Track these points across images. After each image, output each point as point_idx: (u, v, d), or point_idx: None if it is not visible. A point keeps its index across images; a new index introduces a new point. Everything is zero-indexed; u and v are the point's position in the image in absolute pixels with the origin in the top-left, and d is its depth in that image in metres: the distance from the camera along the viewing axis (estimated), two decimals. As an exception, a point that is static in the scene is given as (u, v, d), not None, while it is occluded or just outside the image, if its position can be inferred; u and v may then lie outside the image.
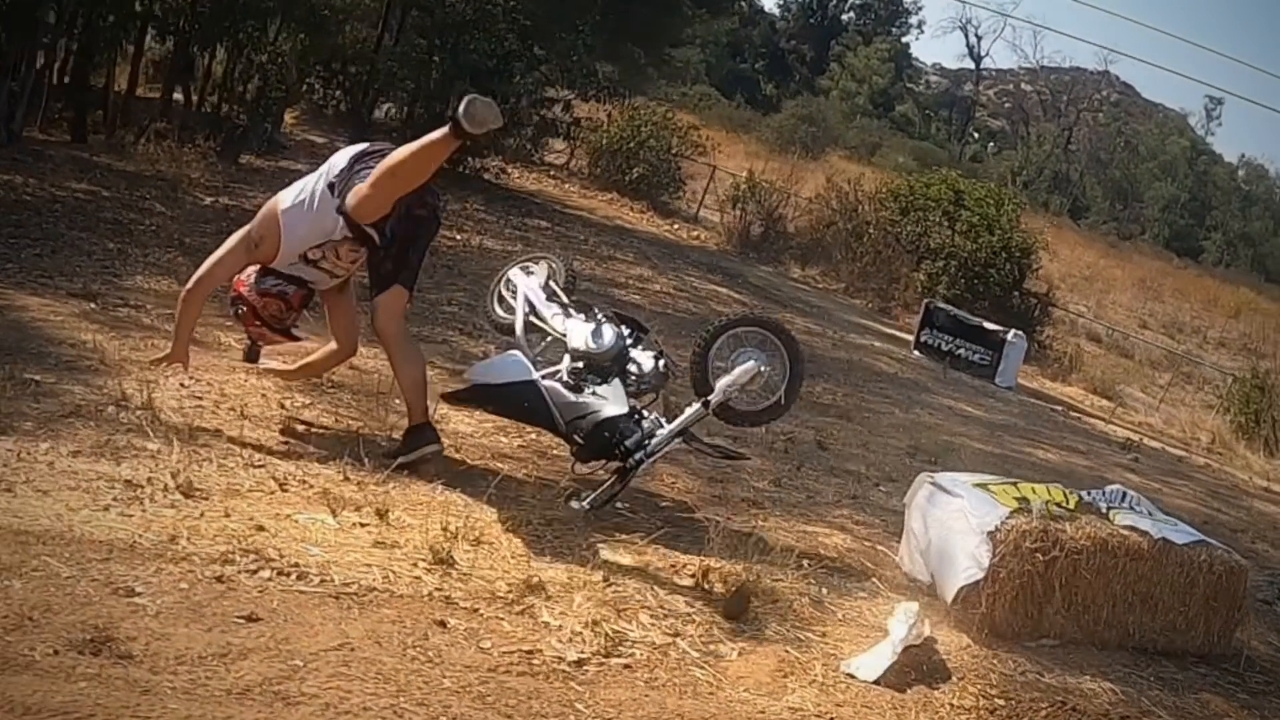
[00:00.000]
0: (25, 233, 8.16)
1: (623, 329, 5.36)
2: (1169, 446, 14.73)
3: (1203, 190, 64.73)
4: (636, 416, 5.06)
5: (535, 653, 3.64)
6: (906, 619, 4.26)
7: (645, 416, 5.09)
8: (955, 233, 20.20)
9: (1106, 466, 10.32)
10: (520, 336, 5.46)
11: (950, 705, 4.06)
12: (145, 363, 5.24)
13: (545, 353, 5.42)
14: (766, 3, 69.62)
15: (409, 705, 3.15)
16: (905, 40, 74.24)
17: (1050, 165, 66.32)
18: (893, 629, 4.24)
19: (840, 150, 49.10)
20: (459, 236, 12.72)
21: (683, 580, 4.47)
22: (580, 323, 5.37)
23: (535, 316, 5.51)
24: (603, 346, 5.21)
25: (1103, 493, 5.36)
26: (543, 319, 5.49)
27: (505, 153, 19.25)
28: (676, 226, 22.00)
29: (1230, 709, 4.69)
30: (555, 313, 5.50)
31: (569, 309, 5.53)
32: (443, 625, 3.67)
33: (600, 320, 5.38)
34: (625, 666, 3.72)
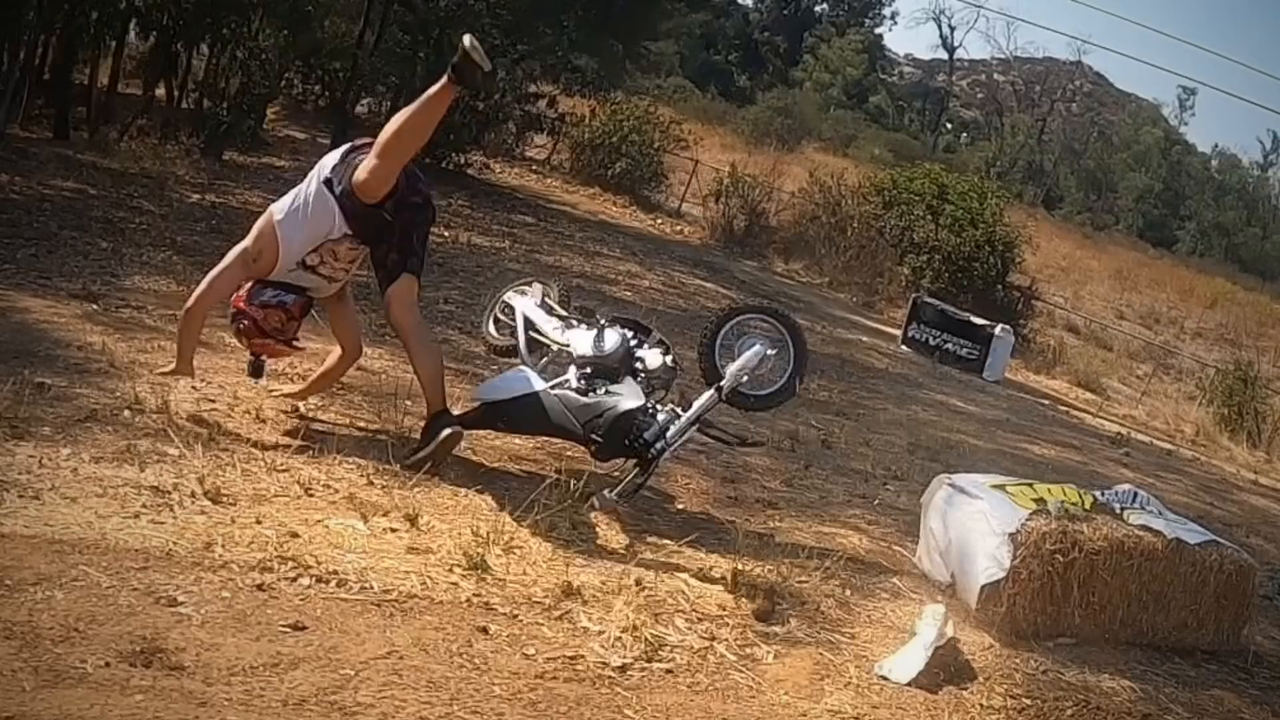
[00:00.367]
0: (18, 232, 8.12)
1: (626, 332, 5.39)
2: (1156, 440, 14.83)
3: (1176, 180, 65.27)
4: (651, 410, 5.10)
5: (578, 658, 3.68)
6: (934, 621, 4.30)
7: (660, 409, 5.13)
8: (939, 227, 20.27)
9: (1100, 461, 10.41)
10: (524, 354, 5.48)
11: (980, 705, 4.11)
12: (152, 374, 5.20)
13: (551, 366, 5.45)
14: (740, -6, 69.57)
15: (463, 714, 3.18)
16: (879, 31, 74.60)
17: (1024, 156, 66.68)
18: (922, 631, 4.28)
19: (815, 142, 49.17)
20: (448, 234, 12.71)
21: (712, 583, 4.51)
22: (583, 331, 5.40)
23: (536, 333, 5.54)
24: (608, 349, 5.25)
25: (1115, 493, 5.42)
26: (544, 334, 5.52)
27: (487, 148, 19.24)
28: (659, 221, 22.02)
29: (1242, 704, 4.76)
30: (556, 326, 5.54)
31: (569, 321, 5.57)
32: (485, 632, 3.70)
33: (602, 325, 5.40)
34: (667, 671, 3.76)
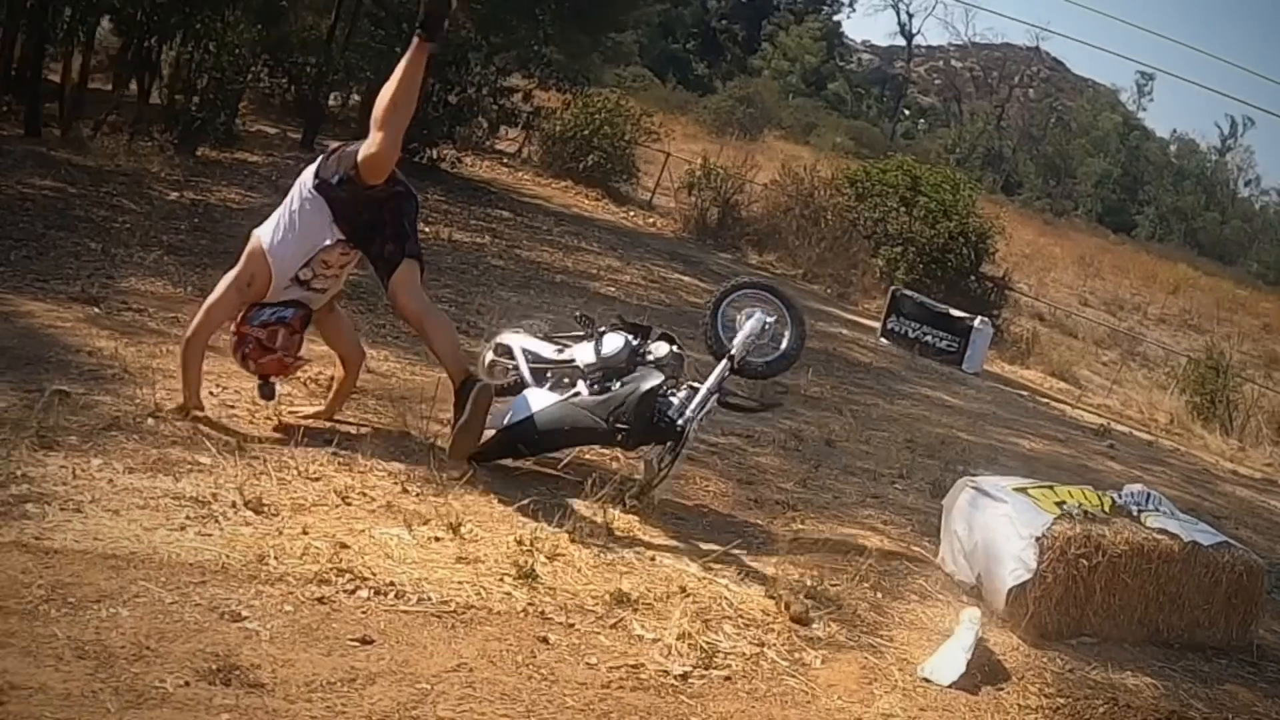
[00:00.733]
0: (6, 233, 8.09)
1: (627, 334, 5.48)
2: (1135, 430, 15.04)
3: (1135, 165, 66.00)
4: (667, 390, 5.19)
5: (639, 667, 3.74)
6: (973, 625, 4.39)
7: (676, 389, 5.23)
8: (913, 218, 20.42)
9: (1088, 455, 10.55)
10: (530, 382, 5.49)
11: (1019, 706, 4.21)
12: (167, 414, 5.07)
13: (558, 386, 5.45)
14: (698, -18, 69.50)
15: (541, 726, 3.22)
16: (837, 19, 74.79)
17: (983, 142, 67.13)
18: (961, 634, 4.37)
19: (776, 130, 49.32)
20: (428, 230, 12.65)
21: (752, 588, 4.59)
22: (583, 344, 5.50)
23: (539, 361, 5.57)
24: (613, 351, 5.35)
25: (1131, 494, 5.55)
26: (546, 358, 5.56)
27: (459, 141, 19.19)
28: (632, 213, 22.05)
29: (1255, 698, 4.89)
30: (556, 349, 5.61)
31: (567, 342, 5.65)
32: (545, 642, 3.75)
33: (602, 332, 5.49)
34: (725, 679, 3.83)
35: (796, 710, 3.73)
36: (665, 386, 5.18)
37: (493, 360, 5.90)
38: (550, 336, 5.80)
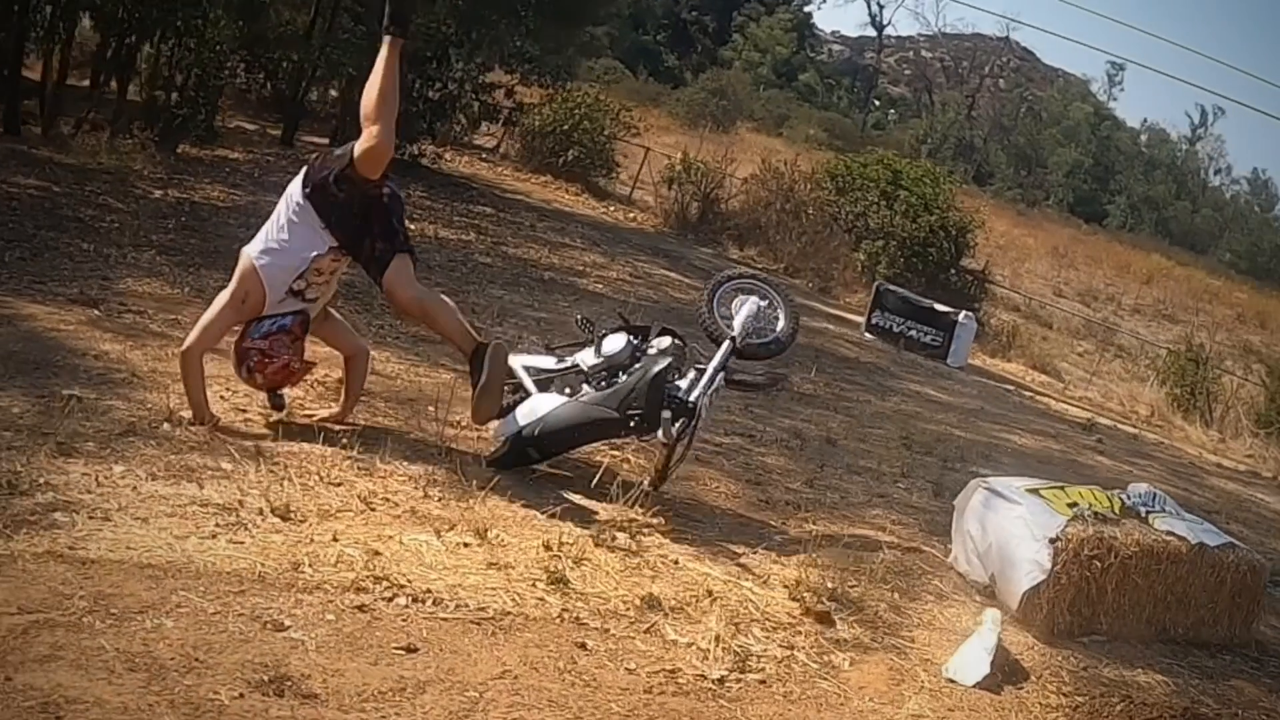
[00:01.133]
0: (-2, 234, 8.03)
1: (629, 336, 5.53)
2: (1118, 423, 15.17)
3: (1106, 155, 66.36)
4: (674, 375, 5.26)
5: (677, 671, 3.78)
6: (994, 626, 4.46)
7: (682, 374, 5.31)
8: (894, 213, 20.51)
9: (1078, 450, 10.67)
10: (535, 393, 5.51)
11: (1040, 705, 4.28)
12: (183, 421, 5.08)
13: (563, 392, 5.47)
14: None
15: (590, 733, 3.26)
16: (807, 10, 74.91)
17: (954, 133, 67.33)
18: (982, 634, 4.44)
19: (749, 123, 49.38)
20: (413, 227, 12.56)
21: (775, 590, 4.64)
22: (584, 349, 5.54)
23: (543, 374, 5.58)
24: (615, 350, 5.40)
25: (1138, 495, 5.65)
26: (550, 370, 5.58)
27: (438, 136, 19.17)
28: (612, 208, 22.08)
29: (1260, 693, 4.99)
30: (559, 359, 5.64)
31: (568, 350, 5.69)
32: (583, 647, 3.79)
33: (602, 335, 5.53)
34: (761, 682, 3.88)
35: (831, 713, 3.79)
36: (672, 372, 5.24)
37: None
38: (550, 348, 5.87)
